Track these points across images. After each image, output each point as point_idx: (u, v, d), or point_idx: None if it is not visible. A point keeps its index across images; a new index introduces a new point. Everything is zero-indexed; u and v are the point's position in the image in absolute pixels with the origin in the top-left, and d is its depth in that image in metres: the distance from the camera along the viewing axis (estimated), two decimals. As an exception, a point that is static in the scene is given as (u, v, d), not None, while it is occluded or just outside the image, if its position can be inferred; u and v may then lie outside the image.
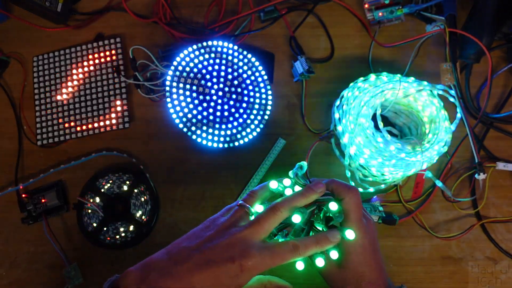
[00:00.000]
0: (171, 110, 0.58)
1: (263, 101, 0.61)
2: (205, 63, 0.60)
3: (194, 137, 0.58)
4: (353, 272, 0.43)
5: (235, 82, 0.60)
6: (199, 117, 0.58)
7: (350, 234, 0.43)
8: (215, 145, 0.59)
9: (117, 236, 0.60)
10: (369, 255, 0.44)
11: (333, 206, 0.43)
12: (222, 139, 0.59)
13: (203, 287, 0.38)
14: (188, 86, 0.57)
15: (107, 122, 0.63)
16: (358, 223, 0.43)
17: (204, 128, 0.58)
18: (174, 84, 0.57)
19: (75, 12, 0.68)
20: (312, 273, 0.59)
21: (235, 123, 0.59)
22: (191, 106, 0.58)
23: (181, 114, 0.58)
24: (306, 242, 0.41)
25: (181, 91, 0.57)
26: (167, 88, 0.57)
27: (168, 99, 0.57)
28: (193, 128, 0.58)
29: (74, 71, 0.65)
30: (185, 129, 0.58)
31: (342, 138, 0.59)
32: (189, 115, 0.58)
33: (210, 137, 0.59)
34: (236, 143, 0.59)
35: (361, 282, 0.43)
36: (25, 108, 0.65)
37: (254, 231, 0.40)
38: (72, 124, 0.64)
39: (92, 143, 0.64)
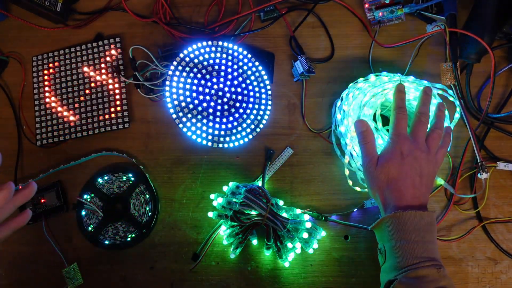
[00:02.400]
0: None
1: (263, 100, 0.61)
2: (212, 56, 0.59)
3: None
4: (379, 169, 0.50)
5: (235, 82, 0.60)
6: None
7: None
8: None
9: (117, 236, 0.59)
10: (395, 161, 0.50)
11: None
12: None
13: None
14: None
15: (107, 122, 0.63)
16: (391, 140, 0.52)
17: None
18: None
19: (74, 11, 0.68)
20: (310, 273, 0.59)
21: (231, 118, 0.59)
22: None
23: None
24: None
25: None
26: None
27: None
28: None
29: (74, 71, 0.65)
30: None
31: (343, 138, 0.59)
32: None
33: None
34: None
35: (388, 182, 0.50)
36: (24, 108, 0.65)
37: None
38: (72, 124, 0.64)
39: (92, 143, 0.64)
